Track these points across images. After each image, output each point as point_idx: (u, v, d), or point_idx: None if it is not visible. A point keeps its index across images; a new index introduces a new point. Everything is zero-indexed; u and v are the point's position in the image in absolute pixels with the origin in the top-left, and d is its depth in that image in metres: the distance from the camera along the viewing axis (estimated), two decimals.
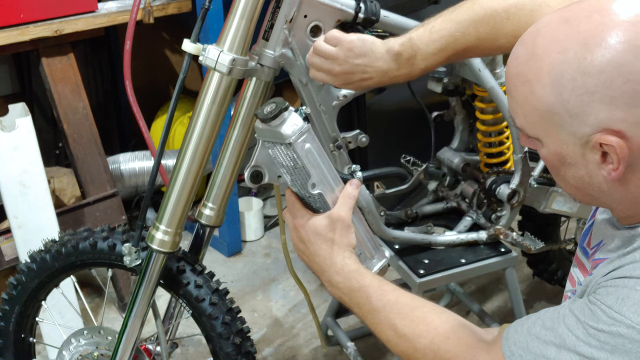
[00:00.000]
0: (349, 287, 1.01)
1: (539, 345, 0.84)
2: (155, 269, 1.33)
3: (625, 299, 0.78)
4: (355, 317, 2.35)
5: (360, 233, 1.09)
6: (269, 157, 1.05)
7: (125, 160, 2.63)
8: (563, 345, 0.82)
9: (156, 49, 3.20)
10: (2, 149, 1.87)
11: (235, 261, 2.76)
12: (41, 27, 2.05)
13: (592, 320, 0.80)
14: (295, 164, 1.02)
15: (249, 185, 1.05)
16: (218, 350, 1.43)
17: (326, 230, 1.02)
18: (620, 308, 0.78)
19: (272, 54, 1.22)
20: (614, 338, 0.78)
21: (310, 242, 1.03)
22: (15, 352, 1.62)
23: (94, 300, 2.46)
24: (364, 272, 1.02)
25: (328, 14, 1.21)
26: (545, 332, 0.84)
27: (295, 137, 0.99)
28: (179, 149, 1.26)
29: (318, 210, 1.06)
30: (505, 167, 1.69)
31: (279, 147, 1.03)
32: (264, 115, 0.99)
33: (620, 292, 0.80)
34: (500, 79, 1.56)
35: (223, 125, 1.25)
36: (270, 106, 1.00)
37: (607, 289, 0.82)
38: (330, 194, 1.05)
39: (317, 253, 1.03)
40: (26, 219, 1.96)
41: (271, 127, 1.00)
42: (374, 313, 0.98)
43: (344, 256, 1.02)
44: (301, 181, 1.04)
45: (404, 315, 0.96)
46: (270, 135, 1.02)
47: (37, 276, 1.52)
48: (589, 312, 0.81)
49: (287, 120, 0.99)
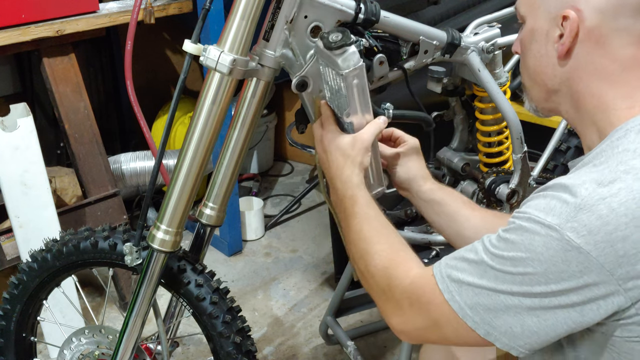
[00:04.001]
0: (344, 194, 1.15)
1: (460, 252, 0.96)
2: (156, 269, 1.34)
3: (522, 208, 0.90)
4: (355, 317, 2.36)
5: (372, 161, 1.22)
6: (318, 72, 1.20)
7: (126, 160, 2.64)
8: (476, 249, 0.93)
9: (157, 50, 3.21)
10: (4, 149, 1.88)
11: (235, 260, 2.77)
12: (42, 27, 2.05)
13: (502, 232, 0.91)
14: (339, 90, 1.14)
15: (293, 91, 1.21)
16: (219, 349, 1.43)
17: (347, 146, 1.16)
18: (519, 210, 0.90)
19: (273, 55, 1.22)
20: (517, 232, 0.87)
21: (330, 152, 1.18)
22: (17, 351, 1.62)
23: (95, 300, 2.47)
24: (362, 188, 1.15)
25: (328, 15, 1.21)
26: (464, 252, 0.95)
27: (349, 72, 1.11)
28: (179, 149, 1.26)
29: (346, 131, 1.19)
30: (504, 167, 1.70)
31: (331, 70, 1.15)
32: (329, 42, 1.11)
33: (517, 214, 0.91)
34: (499, 79, 1.57)
35: (224, 126, 1.26)
36: (336, 35, 1.12)
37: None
38: (360, 124, 1.18)
39: (333, 162, 1.17)
40: (27, 218, 1.97)
41: (331, 54, 1.12)
42: (352, 217, 1.12)
43: (352, 171, 1.15)
44: (338, 103, 1.17)
45: (374, 226, 1.10)
46: (327, 59, 1.14)
47: (38, 275, 1.52)
48: (496, 236, 0.92)
49: (347, 54, 1.11)
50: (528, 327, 0.88)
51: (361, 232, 1.10)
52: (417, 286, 0.98)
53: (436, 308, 0.95)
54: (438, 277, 0.95)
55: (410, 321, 0.99)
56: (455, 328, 0.93)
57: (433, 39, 1.38)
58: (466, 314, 0.91)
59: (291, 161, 3.62)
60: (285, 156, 3.65)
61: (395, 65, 1.36)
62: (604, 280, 0.83)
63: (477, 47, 1.49)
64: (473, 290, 0.91)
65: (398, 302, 1.00)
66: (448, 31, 1.42)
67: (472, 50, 1.48)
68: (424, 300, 0.96)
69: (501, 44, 1.53)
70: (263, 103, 1.35)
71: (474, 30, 1.54)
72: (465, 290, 0.91)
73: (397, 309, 1.01)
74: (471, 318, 0.91)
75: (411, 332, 1.01)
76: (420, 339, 1.03)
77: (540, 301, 0.86)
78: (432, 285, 0.95)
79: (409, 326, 1.00)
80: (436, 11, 1.97)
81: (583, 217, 0.82)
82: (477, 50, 1.49)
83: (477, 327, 0.91)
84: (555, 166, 2.03)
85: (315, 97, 1.26)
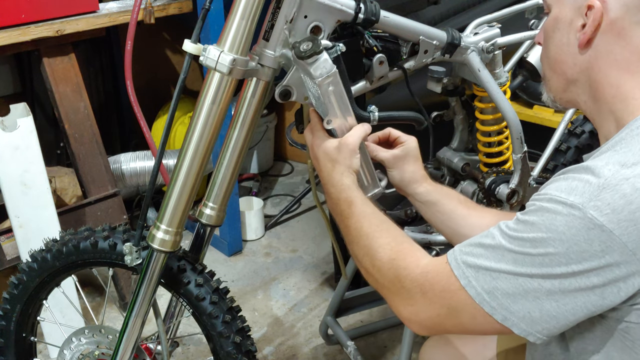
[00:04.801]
0: (338, 197, 1.15)
1: (475, 239, 0.95)
2: (156, 268, 1.34)
3: (541, 191, 0.90)
4: (356, 317, 2.36)
5: (362, 163, 1.23)
6: (300, 80, 1.20)
7: (126, 160, 2.64)
8: (492, 234, 0.92)
9: (157, 49, 3.21)
10: (4, 149, 1.88)
11: (235, 260, 2.77)
12: (42, 27, 2.05)
13: (520, 215, 0.91)
14: (319, 97, 1.16)
15: (278, 100, 1.21)
16: (218, 349, 1.43)
17: (333, 151, 1.17)
18: (539, 193, 0.90)
19: (273, 54, 1.22)
20: (538, 213, 0.87)
21: (319, 159, 1.19)
22: (17, 351, 1.62)
23: (95, 300, 2.47)
24: (354, 189, 1.15)
25: (328, 15, 1.21)
26: (480, 238, 0.95)
27: (322, 80, 1.12)
28: (179, 148, 1.26)
29: (333, 136, 1.20)
30: (504, 167, 1.70)
31: (308, 78, 1.16)
32: (300, 52, 1.11)
33: (536, 196, 0.91)
34: (499, 79, 1.57)
35: (224, 125, 1.26)
36: (306, 44, 1.12)
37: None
38: (344, 128, 1.19)
39: (322, 169, 1.19)
40: (27, 218, 1.97)
41: (304, 64, 1.13)
42: (350, 218, 1.13)
43: (342, 174, 1.16)
44: (322, 110, 1.19)
45: (373, 222, 1.10)
46: (302, 69, 1.16)
47: (38, 275, 1.52)
48: (513, 220, 0.92)
49: (318, 62, 1.12)
50: (547, 311, 0.87)
51: (361, 230, 1.10)
52: (430, 274, 0.97)
53: (452, 295, 0.94)
54: (453, 264, 0.94)
55: (423, 311, 0.98)
56: (472, 314, 0.92)
57: (433, 39, 1.38)
58: (483, 299, 0.90)
59: (291, 161, 3.62)
60: (285, 156, 3.65)
61: (395, 65, 1.36)
62: (625, 260, 0.83)
63: (477, 47, 1.49)
64: (490, 275, 0.90)
65: (409, 292, 0.99)
66: (448, 31, 1.42)
67: (472, 50, 1.48)
68: (438, 287, 0.96)
69: (501, 44, 1.54)
70: (263, 103, 1.35)
71: (474, 30, 1.55)
72: (483, 275, 0.91)
73: (408, 299, 1.00)
74: (488, 303, 0.90)
75: (424, 322, 0.99)
76: (434, 329, 1.01)
77: (561, 283, 0.85)
78: (446, 272, 0.95)
79: (421, 316, 0.99)
80: (436, 11, 1.97)
81: (606, 196, 0.82)
82: (477, 50, 1.49)
83: (494, 313, 0.90)
84: (555, 166, 2.03)
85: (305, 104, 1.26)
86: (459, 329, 0.98)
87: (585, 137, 2.06)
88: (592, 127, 2.08)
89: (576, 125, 2.09)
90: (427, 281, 0.97)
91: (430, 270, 0.98)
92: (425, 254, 1.03)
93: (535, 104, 2.87)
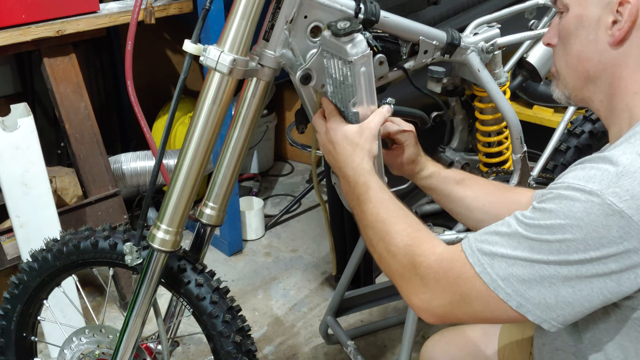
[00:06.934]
0: (356, 181, 1.14)
1: (491, 228, 0.95)
2: (156, 268, 1.34)
3: (558, 180, 0.91)
4: (356, 316, 2.37)
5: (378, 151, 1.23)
6: (321, 65, 1.21)
7: (126, 160, 2.64)
8: (508, 223, 0.93)
9: (157, 50, 3.21)
10: (4, 149, 1.88)
11: (236, 260, 2.77)
12: (43, 27, 2.06)
13: (536, 203, 0.91)
14: (345, 80, 1.15)
15: (297, 84, 1.22)
16: (219, 348, 1.44)
17: (354, 135, 1.16)
18: (556, 182, 0.91)
19: (273, 55, 1.23)
20: (555, 201, 0.87)
21: (337, 143, 1.18)
22: (17, 350, 1.63)
23: (96, 299, 2.47)
24: (373, 174, 1.14)
25: (328, 15, 1.21)
26: (495, 226, 0.95)
27: (357, 59, 1.12)
28: (180, 148, 1.27)
29: (350, 122, 1.19)
30: (504, 167, 1.70)
31: (336, 60, 1.16)
32: (337, 29, 1.11)
33: (553, 185, 0.92)
34: (499, 79, 1.57)
35: (224, 125, 1.26)
36: (344, 22, 1.12)
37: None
38: (365, 114, 1.19)
39: (341, 152, 1.17)
40: (28, 218, 1.97)
41: (339, 42, 1.12)
42: (367, 202, 1.11)
43: (362, 158, 1.15)
44: (342, 96, 1.18)
45: (391, 209, 1.09)
46: (334, 48, 1.14)
47: (39, 275, 1.53)
48: (530, 209, 0.92)
49: (355, 41, 1.12)
50: (562, 297, 0.87)
51: (378, 215, 1.09)
52: (445, 262, 0.97)
53: (466, 282, 0.94)
54: (468, 252, 0.94)
55: (435, 298, 0.98)
56: (486, 302, 0.92)
57: (433, 39, 1.38)
58: (498, 286, 0.90)
59: (291, 161, 3.62)
60: (286, 156, 3.65)
61: (395, 65, 1.36)
62: None
63: (477, 47, 1.49)
64: (506, 262, 0.90)
65: (422, 279, 0.99)
66: (448, 31, 1.42)
67: (472, 50, 1.48)
68: (452, 274, 0.95)
69: (501, 44, 1.54)
70: (263, 103, 1.35)
71: (474, 30, 1.55)
72: (498, 262, 0.91)
73: (421, 286, 0.99)
74: (503, 290, 0.90)
75: (436, 309, 0.99)
76: (445, 317, 1.00)
77: (577, 269, 0.85)
78: (461, 259, 0.95)
79: (433, 303, 0.98)
80: (436, 11, 1.97)
81: (625, 182, 0.83)
82: (476, 50, 1.49)
83: (509, 299, 0.90)
84: (555, 166, 2.03)
85: (316, 93, 1.26)
86: (470, 318, 0.97)
87: (585, 137, 2.07)
88: (592, 127, 2.08)
89: (576, 125, 2.09)
90: (441, 268, 0.97)
91: (445, 257, 0.98)
92: (440, 242, 1.03)
93: (535, 104, 2.87)
